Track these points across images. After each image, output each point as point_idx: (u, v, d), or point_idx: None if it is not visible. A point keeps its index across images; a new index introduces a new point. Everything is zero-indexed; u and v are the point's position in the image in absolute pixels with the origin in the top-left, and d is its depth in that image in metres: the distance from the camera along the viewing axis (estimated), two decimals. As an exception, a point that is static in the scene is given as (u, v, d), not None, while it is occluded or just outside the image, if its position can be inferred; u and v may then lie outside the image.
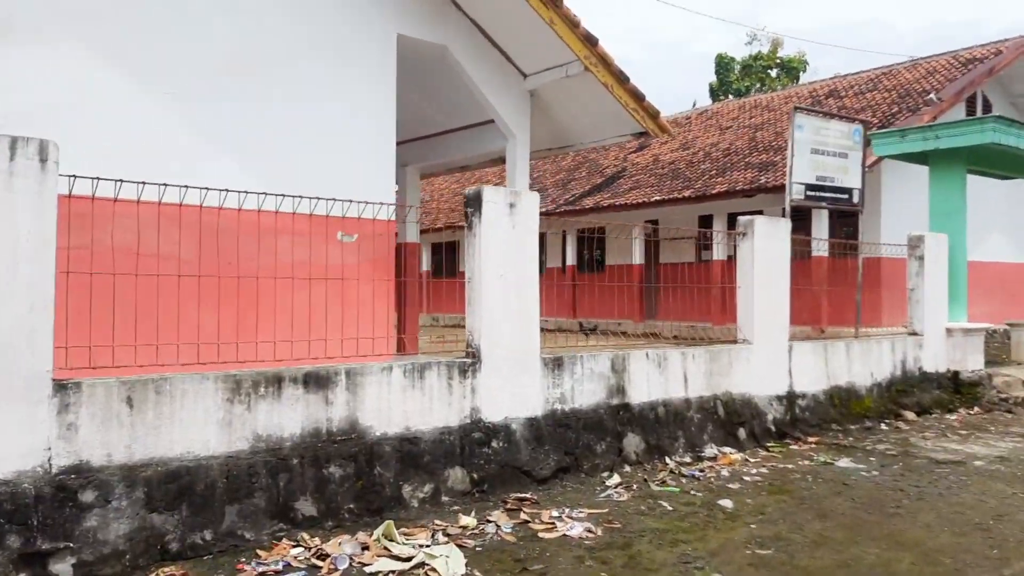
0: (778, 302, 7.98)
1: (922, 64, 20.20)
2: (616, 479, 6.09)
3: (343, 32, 7.62)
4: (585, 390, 6.31)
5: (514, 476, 5.56)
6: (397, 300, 11.16)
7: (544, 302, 6.24)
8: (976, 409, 9.56)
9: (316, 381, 4.70)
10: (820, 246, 15.18)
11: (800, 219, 17.58)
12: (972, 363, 9.89)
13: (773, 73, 40.34)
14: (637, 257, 21.23)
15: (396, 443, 4.97)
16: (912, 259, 9.79)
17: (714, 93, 40.98)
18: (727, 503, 5.66)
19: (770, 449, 7.49)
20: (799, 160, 8.76)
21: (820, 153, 9.02)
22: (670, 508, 5.53)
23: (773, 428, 7.81)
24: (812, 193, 8.92)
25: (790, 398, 8.04)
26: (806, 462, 7.04)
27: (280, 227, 6.33)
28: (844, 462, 7.04)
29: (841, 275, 15.34)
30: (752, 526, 5.18)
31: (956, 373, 9.86)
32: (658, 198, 19.40)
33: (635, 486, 6.03)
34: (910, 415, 9.08)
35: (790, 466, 6.85)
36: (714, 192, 17.97)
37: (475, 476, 5.30)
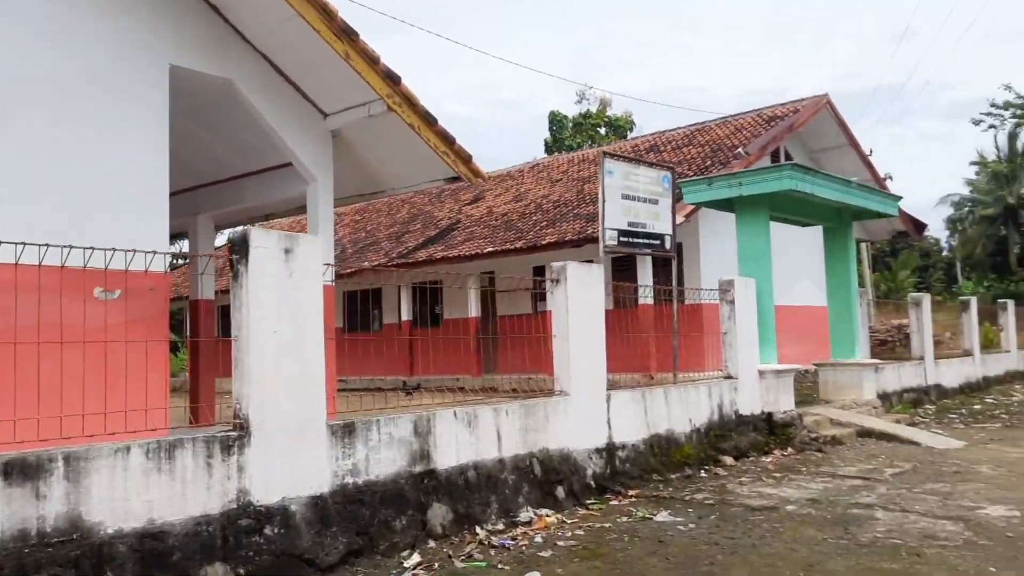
0: (595, 350, 7.72)
1: (731, 121, 21.40)
2: (416, 558, 5.46)
3: (108, 62, 6.76)
4: (383, 458, 5.67)
5: (293, 566, 4.80)
6: (191, 365, 10.09)
7: (375, 359, 5.59)
8: (790, 450, 9.69)
9: (22, 471, 3.80)
10: (646, 293, 15.41)
11: (625, 267, 17.93)
12: (784, 404, 10.08)
13: (602, 131, 41.95)
14: (473, 310, 20.89)
15: (135, 540, 4.11)
16: (724, 303, 9.91)
17: (549, 149, 42.04)
18: (535, 576, 5.16)
19: (589, 507, 7.11)
20: (611, 206, 8.68)
21: (631, 199, 9.00)
22: (471, 589, 4.96)
23: (593, 483, 7.45)
24: (625, 239, 8.85)
25: (610, 450, 7.74)
26: (624, 519, 6.69)
27: (22, 282, 5.33)
28: (663, 516, 6.75)
29: (669, 322, 15.62)
30: (559, 602, 4.69)
31: (770, 415, 10.00)
32: (491, 249, 19.21)
33: (437, 564, 5.42)
34: (728, 460, 9.05)
35: (607, 525, 6.47)
36: (544, 243, 17.98)
37: (241, 572, 4.51)
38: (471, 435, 6.36)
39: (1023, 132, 44.48)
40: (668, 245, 9.53)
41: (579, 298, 7.56)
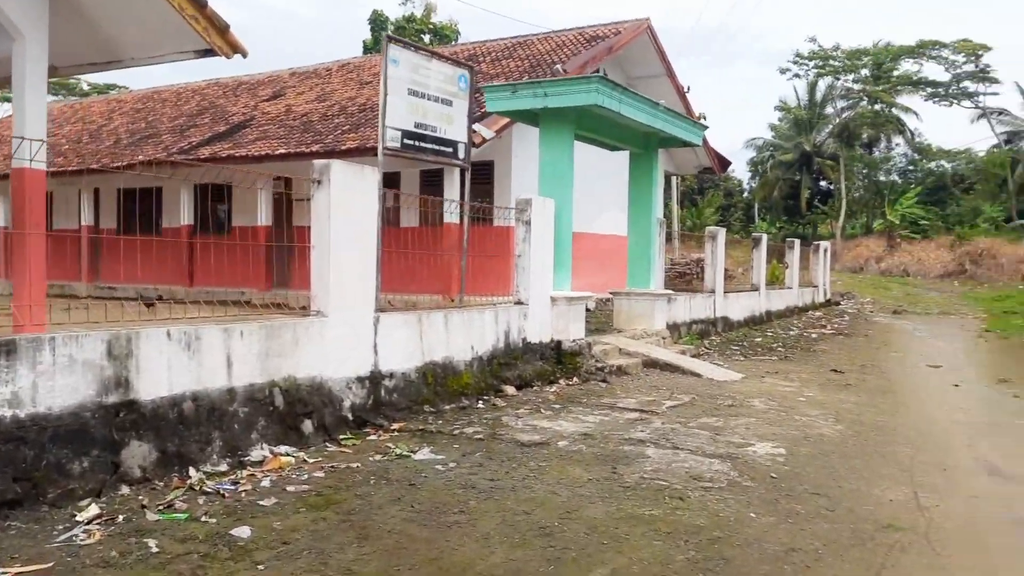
0: (363, 267, 6.77)
1: (553, 37, 20.66)
2: (94, 510, 4.37)
3: None
4: (59, 386, 4.48)
5: None
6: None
7: (151, 267, 4.25)
8: (575, 380, 9.33)
9: None
10: (451, 210, 14.53)
11: (433, 182, 16.97)
12: (574, 332, 9.67)
13: (427, 39, 40.08)
14: (263, 217, 19.19)
15: None
16: (519, 224, 9.24)
17: (368, 52, 39.67)
18: (244, 531, 4.25)
19: (342, 443, 6.26)
20: (395, 101, 7.59)
21: (420, 96, 7.95)
22: (155, 550, 3.97)
23: (351, 416, 6.60)
24: (411, 142, 7.83)
25: (374, 379, 6.90)
26: (379, 457, 5.91)
27: None
28: (424, 453, 6.04)
29: (476, 242, 14.91)
30: (260, 567, 3.82)
31: (559, 343, 9.57)
32: (283, 151, 17.53)
33: (123, 516, 4.37)
34: (510, 390, 8.51)
35: (356, 465, 5.66)
36: (344, 148, 16.55)
37: None
38: (191, 360, 5.26)
39: (822, 83, 47.31)
40: (462, 154, 8.63)
41: (345, 204, 6.54)
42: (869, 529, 4.72)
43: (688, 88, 33.79)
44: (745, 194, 59.09)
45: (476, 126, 15.23)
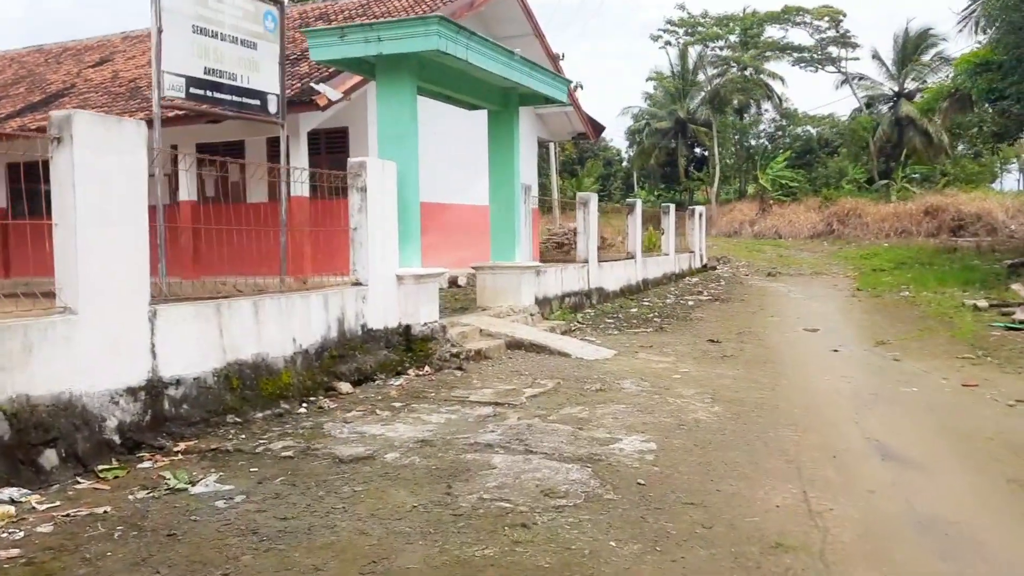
0: (130, 248, 5.31)
1: (412, -6, 19.17)
2: None
3: None
4: None
5: None
6: None
7: None
8: (427, 369, 8.13)
9: None
10: (302, 180, 12.93)
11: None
12: (425, 314, 8.46)
13: None
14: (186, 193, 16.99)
15: None
16: (354, 191, 7.91)
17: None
18: None
19: (102, 476, 4.84)
20: (173, 39, 6.04)
21: (210, 35, 6.45)
22: None
23: (119, 439, 5.17)
24: (199, 91, 6.33)
25: (154, 389, 5.48)
26: (143, 493, 4.55)
27: None
28: (207, 483, 4.71)
29: (328, 217, 13.40)
30: None
31: (408, 328, 8.34)
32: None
33: None
34: (345, 387, 7.23)
35: (106, 509, 4.28)
36: (171, 116, 14.64)
37: None
38: None
39: (692, 50, 47.57)
40: (274, 108, 7.17)
41: (98, 169, 5.06)
42: (754, 553, 3.76)
43: (562, 55, 32.83)
44: (624, 163, 59.31)
45: (321, 86, 13.71)
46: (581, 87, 44.67)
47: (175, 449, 5.34)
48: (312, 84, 14.02)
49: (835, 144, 47.25)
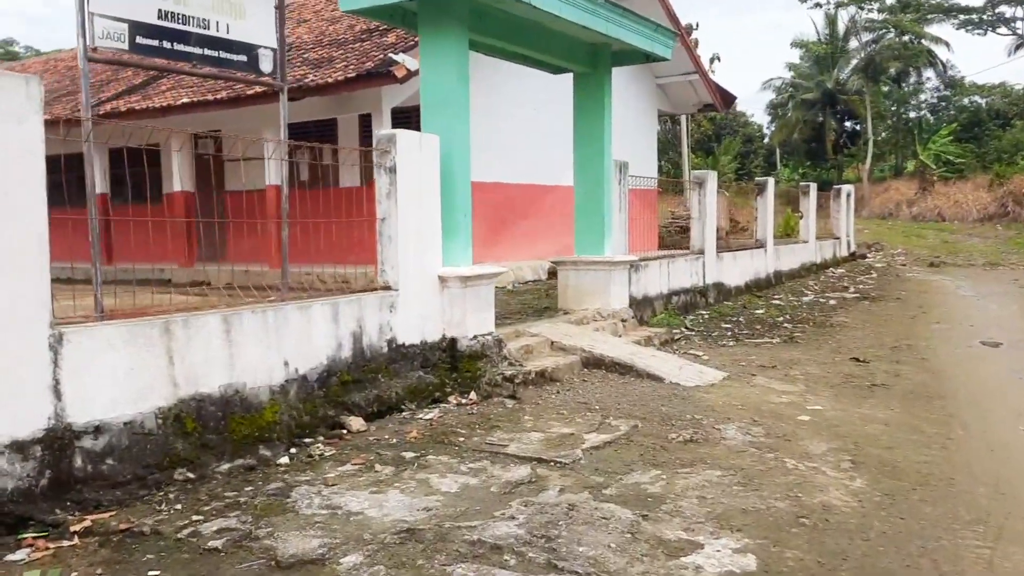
0: (12, 250, 3.89)
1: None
2: None
3: None
4: None
5: None
6: None
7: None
8: (471, 396, 6.44)
9: None
10: (349, 160, 11.54)
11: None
12: (475, 325, 6.75)
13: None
14: (180, 182, 16.40)
15: None
16: (382, 172, 6.29)
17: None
18: None
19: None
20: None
21: (165, -32, 4.96)
22: None
23: (-11, 515, 3.77)
24: (149, 41, 4.80)
25: (56, 441, 4.06)
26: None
27: None
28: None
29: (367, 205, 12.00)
30: None
31: (453, 342, 6.67)
32: (186, 100, 14.66)
33: None
34: (357, 423, 5.64)
35: None
36: (250, 94, 13.62)
37: None
38: None
39: (844, 13, 43.25)
40: (267, 66, 5.58)
41: None
42: None
43: (696, 24, 29.93)
44: (766, 140, 55.26)
45: (401, 56, 12.24)
46: (718, 59, 41.56)
47: (72, 529, 3.89)
48: (391, 55, 12.58)
49: (1008, 115, 41.71)
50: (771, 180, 14.77)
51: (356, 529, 3.89)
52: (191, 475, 4.59)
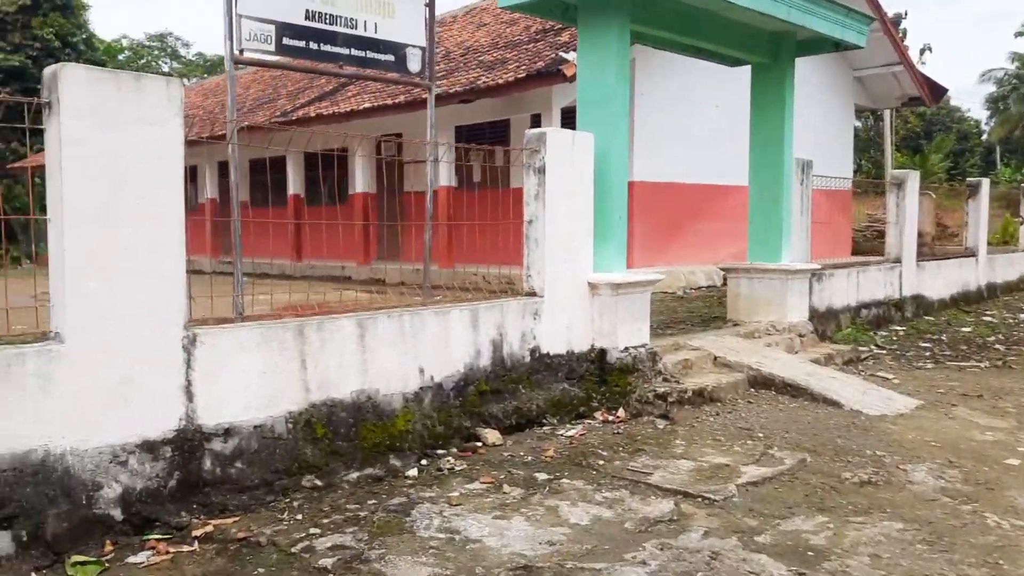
0: (146, 256, 3.94)
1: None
2: None
3: None
4: None
5: None
6: None
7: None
8: (619, 413, 5.98)
9: None
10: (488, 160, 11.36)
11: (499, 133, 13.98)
12: (627, 336, 6.28)
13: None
14: (361, 183, 17.06)
15: None
16: (530, 173, 5.99)
17: None
18: None
19: (71, 572, 3.51)
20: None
21: (311, -31, 4.87)
22: None
23: (121, 513, 3.83)
24: (296, 42, 4.74)
25: (187, 443, 4.08)
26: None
27: None
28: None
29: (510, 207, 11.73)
30: None
31: (603, 353, 6.25)
32: (368, 105, 15.17)
33: None
34: (493, 436, 5.37)
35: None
36: (424, 98, 13.85)
37: None
38: None
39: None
40: (415, 65, 5.41)
41: (97, 148, 3.72)
42: None
43: (905, 14, 27.42)
44: (984, 137, 49.98)
45: (572, 55, 11.93)
46: (929, 50, 37.95)
47: (194, 534, 3.88)
48: (562, 54, 12.33)
49: None
50: (985, 181, 13.05)
51: (470, 560, 3.59)
52: (318, 482, 4.50)
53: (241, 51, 4.52)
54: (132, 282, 3.84)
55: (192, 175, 22.45)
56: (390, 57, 5.29)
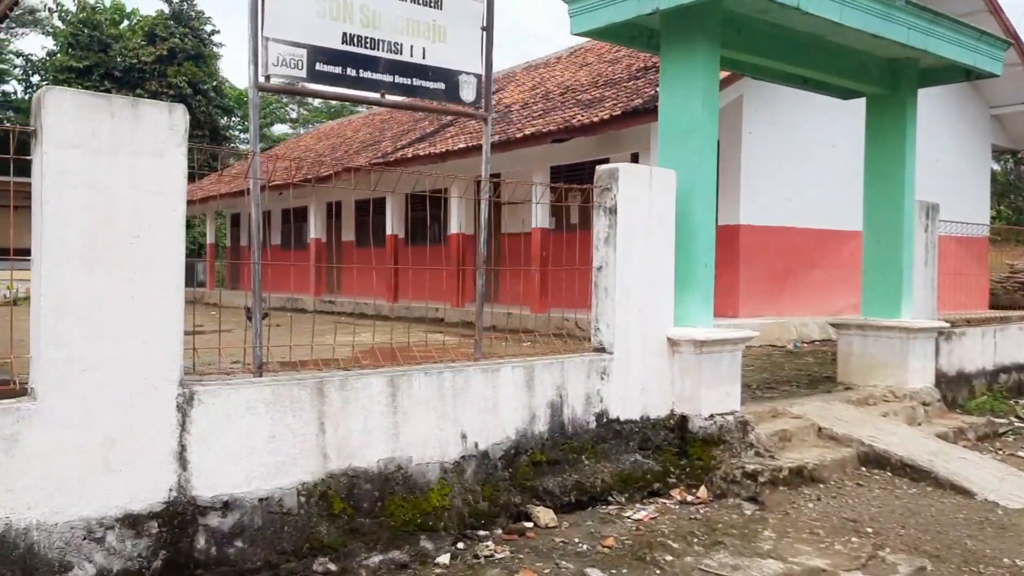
0: (131, 301, 3.50)
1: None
2: None
3: None
4: None
5: None
6: None
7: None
8: (700, 493, 5.14)
9: None
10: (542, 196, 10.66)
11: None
12: (714, 401, 5.45)
13: None
14: (456, 223, 16.77)
15: None
16: (600, 213, 5.32)
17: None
18: None
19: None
20: (278, -3, 4.11)
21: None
22: None
23: (91, 596, 3.34)
24: (331, 68, 4.22)
25: (177, 516, 3.57)
26: None
27: None
28: None
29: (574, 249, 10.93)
30: None
31: (684, 420, 5.44)
32: (463, 146, 14.92)
33: None
34: (546, 515, 4.65)
35: None
36: (518, 137, 13.48)
37: None
38: None
39: None
40: (470, 95, 4.81)
41: (81, 178, 3.34)
42: None
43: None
44: None
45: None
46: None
47: (173, 623, 3.36)
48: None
49: None
50: None
51: None
52: (332, 567, 3.90)
53: (267, 77, 4.10)
54: (118, 332, 3.40)
55: (303, 216, 23.04)
56: (440, 85, 4.77)
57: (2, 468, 3.17)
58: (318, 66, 4.28)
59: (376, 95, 4.57)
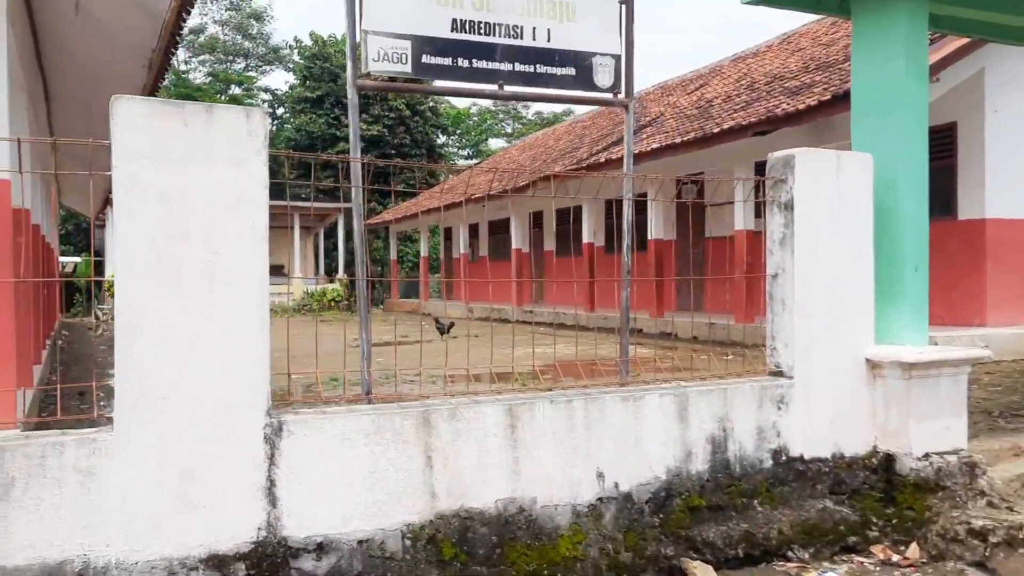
0: (207, 322, 3.25)
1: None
2: None
3: None
4: None
5: None
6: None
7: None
8: (911, 551, 4.08)
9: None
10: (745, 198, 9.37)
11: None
12: (930, 437, 4.34)
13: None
14: (656, 229, 15.92)
15: None
16: (774, 210, 4.44)
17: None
18: None
19: None
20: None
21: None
22: None
23: (169, 642, 3.10)
24: (441, 60, 3.75)
25: (266, 558, 3.27)
26: None
27: None
28: None
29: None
30: None
31: (888, 460, 4.39)
32: (656, 145, 14.10)
33: None
34: (704, 571, 3.87)
35: None
36: (715, 132, 12.46)
37: None
38: None
39: None
40: (606, 80, 4.09)
41: (152, 188, 3.13)
42: None
43: None
44: None
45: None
46: None
47: None
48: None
49: None
50: None
51: None
52: (442, 621, 3.42)
53: (368, 74, 3.73)
54: (194, 355, 3.15)
55: (506, 227, 23.24)
56: (570, 70, 4.16)
57: (78, 501, 3.00)
58: (424, 58, 3.85)
59: (493, 87, 4.05)
